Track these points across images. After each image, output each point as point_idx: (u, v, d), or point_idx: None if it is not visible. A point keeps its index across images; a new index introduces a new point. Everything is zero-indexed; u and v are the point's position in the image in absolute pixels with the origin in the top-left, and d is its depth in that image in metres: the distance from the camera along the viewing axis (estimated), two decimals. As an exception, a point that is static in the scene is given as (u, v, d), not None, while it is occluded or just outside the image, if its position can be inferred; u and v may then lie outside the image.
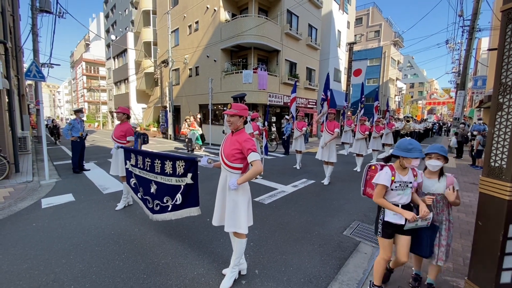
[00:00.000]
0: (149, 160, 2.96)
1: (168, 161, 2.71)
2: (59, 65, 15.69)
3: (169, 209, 2.75)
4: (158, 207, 2.87)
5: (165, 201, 2.78)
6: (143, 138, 7.60)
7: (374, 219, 3.78)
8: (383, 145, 10.01)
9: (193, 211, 2.60)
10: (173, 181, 2.68)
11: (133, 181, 3.32)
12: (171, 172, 2.69)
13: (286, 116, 12.16)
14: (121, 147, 3.71)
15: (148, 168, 2.98)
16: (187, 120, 11.07)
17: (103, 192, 5.00)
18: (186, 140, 10.97)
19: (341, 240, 3.20)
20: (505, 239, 1.81)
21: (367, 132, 7.75)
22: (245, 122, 2.32)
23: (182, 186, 2.60)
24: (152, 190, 2.94)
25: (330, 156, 5.77)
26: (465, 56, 11.85)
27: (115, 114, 4.16)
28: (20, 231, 3.26)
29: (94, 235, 3.18)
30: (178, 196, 2.64)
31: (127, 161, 3.41)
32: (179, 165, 2.60)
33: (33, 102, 15.09)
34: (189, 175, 2.52)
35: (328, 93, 6.44)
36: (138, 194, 3.22)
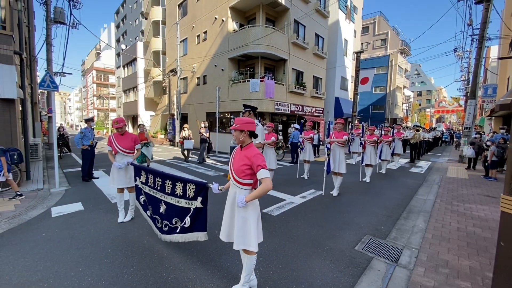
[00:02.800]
0: (160, 180, 2.97)
1: (179, 182, 2.72)
2: (71, 74, 16.14)
3: (178, 230, 2.77)
4: (167, 228, 2.87)
5: (173, 222, 2.78)
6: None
7: (386, 233, 3.70)
8: (392, 154, 9.86)
9: (200, 236, 2.59)
10: (183, 203, 2.68)
11: (142, 198, 3.32)
12: (181, 194, 2.70)
13: (293, 125, 12.13)
14: (132, 163, 3.71)
15: (158, 188, 2.99)
16: (185, 129, 10.59)
17: (112, 201, 5.01)
18: (182, 149, 10.80)
19: (353, 255, 3.11)
20: (531, 262, 1.73)
21: (375, 138, 7.63)
22: (254, 136, 2.27)
23: (192, 209, 2.60)
24: (162, 210, 2.94)
25: (339, 167, 5.68)
26: (475, 65, 11.69)
27: (114, 129, 3.89)
28: (30, 241, 3.27)
29: (103, 247, 3.16)
30: (187, 219, 2.64)
31: (137, 178, 3.41)
32: (189, 187, 2.61)
33: (45, 109, 15.44)
34: (199, 199, 2.53)
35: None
36: (148, 212, 3.21)
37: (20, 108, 7.18)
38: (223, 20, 15.02)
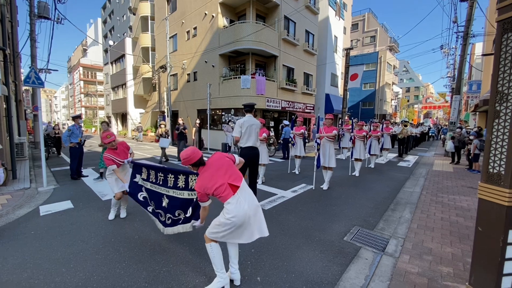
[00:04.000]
0: (162, 175, 3.00)
1: (181, 175, 2.78)
2: (56, 70, 15.74)
3: (180, 222, 2.80)
4: (170, 221, 2.90)
5: (176, 214, 2.82)
6: None
7: (374, 224, 3.82)
8: (381, 149, 10.08)
9: (197, 223, 2.61)
10: (185, 194, 2.73)
11: (142, 194, 3.29)
12: (183, 186, 2.75)
13: (284, 121, 12.21)
14: (132, 161, 3.70)
15: (161, 182, 3.01)
16: (161, 126, 9.69)
17: (102, 198, 4.97)
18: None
19: (342, 246, 3.21)
20: (505, 244, 1.84)
21: (364, 133, 7.77)
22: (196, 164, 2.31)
23: (194, 199, 2.65)
24: (164, 203, 2.96)
25: (329, 161, 5.79)
26: (460, 62, 12.04)
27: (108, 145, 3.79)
28: (19, 240, 3.23)
29: (94, 243, 3.15)
30: (190, 209, 2.69)
31: (137, 175, 3.38)
32: (191, 179, 2.68)
33: (30, 107, 15.01)
34: None
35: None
36: (149, 208, 3.19)
37: (5, 106, 6.97)
38: (213, 16, 14.89)
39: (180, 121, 10.11)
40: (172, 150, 12.20)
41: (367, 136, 8.52)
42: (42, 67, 14.66)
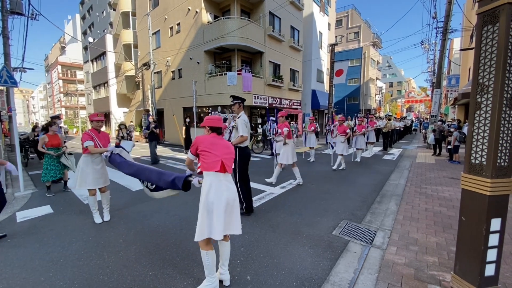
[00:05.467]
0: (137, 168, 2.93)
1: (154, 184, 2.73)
2: (32, 69, 14.98)
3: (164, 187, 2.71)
4: (154, 186, 2.79)
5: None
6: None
7: (361, 217, 3.87)
8: (366, 143, 10.27)
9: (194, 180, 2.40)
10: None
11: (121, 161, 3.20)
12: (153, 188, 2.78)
13: (271, 117, 12.20)
14: (112, 152, 3.38)
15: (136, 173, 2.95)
16: (121, 128, 8.46)
17: (84, 202, 4.77)
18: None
19: (331, 240, 3.22)
20: (488, 233, 1.88)
21: (348, 131, 7.80)
22: (215, 130, 2.36)
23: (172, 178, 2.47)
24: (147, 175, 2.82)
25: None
26: (439, 56, 12.41)
27: (94, 123, 3.68)
28: (-7, 249, 3.03)
29: (75, 249, 3.01)
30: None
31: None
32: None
33: (4, 108, 14.22)
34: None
35: None
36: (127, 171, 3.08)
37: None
38: (196, 12, 14.60)
39: (150, 119, 9.39)
40: (140, 152, 11.91)
41: (353, 132, 8.72)
42: (17, 65, 13.94)
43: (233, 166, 2.54)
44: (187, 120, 12.62)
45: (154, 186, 2.78)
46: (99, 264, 2.68)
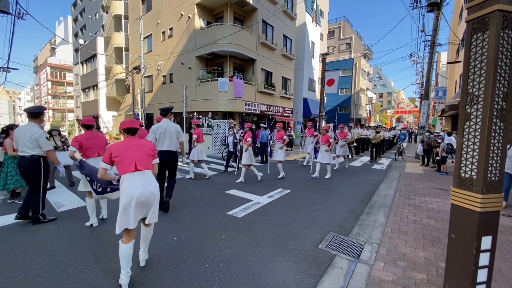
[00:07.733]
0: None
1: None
2: (16, 69, 14.51)
3: (108, 190, 3.19)
4: (101, 188, 3.22)
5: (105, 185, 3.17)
6: None
7: (349, 230, 3.74)
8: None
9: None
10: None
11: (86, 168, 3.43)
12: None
13: (262, 125, 12.10)
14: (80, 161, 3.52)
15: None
16: (54, 134, 6.18)
17: (58, 210, 4.47)
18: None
19: (316, 254, 3.06)
20: (478, 252, 1.77)
21: (331, 140, 7.68)
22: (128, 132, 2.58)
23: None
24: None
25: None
26: (427, 69, 12.68)
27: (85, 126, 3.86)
28: None
29: (38, 263, 2.74)
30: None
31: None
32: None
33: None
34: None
35: None
36: (87, 177, 3.40)
37: None
38: (189, 17, 14.55)
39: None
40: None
41: (335, 141, 8.84)
42: (2, 65, 13.49)
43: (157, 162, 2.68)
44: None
45: (100, 189, 3.20)
46: (62, 281, 2.43)
